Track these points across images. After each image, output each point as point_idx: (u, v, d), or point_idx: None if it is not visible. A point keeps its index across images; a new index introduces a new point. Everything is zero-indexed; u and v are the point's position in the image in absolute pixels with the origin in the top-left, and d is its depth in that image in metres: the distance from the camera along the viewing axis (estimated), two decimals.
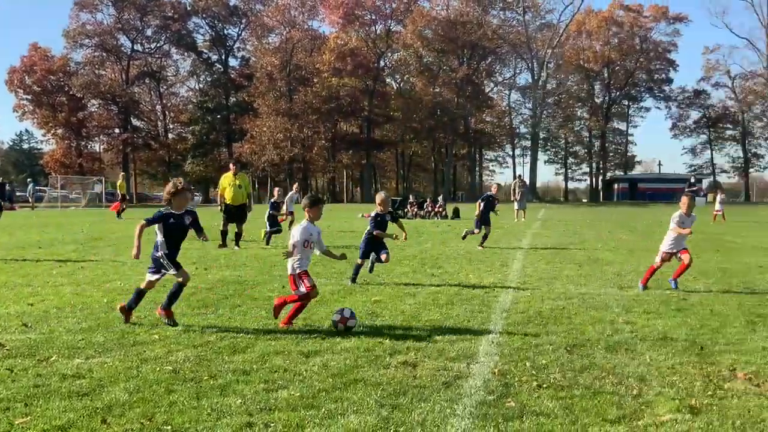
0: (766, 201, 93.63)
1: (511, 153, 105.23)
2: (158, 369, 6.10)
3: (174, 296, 7.98)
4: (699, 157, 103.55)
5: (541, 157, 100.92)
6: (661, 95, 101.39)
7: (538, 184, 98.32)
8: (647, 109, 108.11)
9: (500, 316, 8.69)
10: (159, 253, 7.92)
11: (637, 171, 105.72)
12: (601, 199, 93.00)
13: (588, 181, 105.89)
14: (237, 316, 8.45)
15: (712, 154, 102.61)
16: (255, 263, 14.36)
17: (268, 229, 19.43)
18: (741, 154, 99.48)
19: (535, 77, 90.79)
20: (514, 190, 36.05)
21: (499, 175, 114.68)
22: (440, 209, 39.65)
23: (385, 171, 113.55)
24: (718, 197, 39.01)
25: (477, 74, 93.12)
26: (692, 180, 38.33)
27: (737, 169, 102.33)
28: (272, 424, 4.75)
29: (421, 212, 40.17)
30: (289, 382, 5.73)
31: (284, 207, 23.77)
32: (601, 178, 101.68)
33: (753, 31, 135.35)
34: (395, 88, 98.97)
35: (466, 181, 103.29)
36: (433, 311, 8.84)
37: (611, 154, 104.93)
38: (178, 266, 7.96)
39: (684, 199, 11.14)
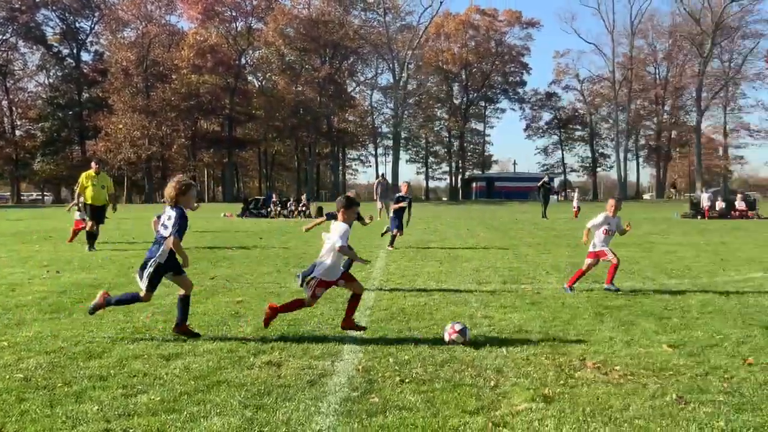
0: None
1: (373, 152, 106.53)
2: (8, 377, 5.80)
3: (118, 302, 7.44)
4: (551, 157, 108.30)
5: (403, 156, 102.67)
6: (516, 97, 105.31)
7: (400, 182, 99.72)
8: (503, 110, 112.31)
9: (364, 313, 8.76)
10: (153, 261, 7.12)
11: (494, 170, 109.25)
12: (460, 198, 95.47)
13: (448, 180, 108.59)
14: (92, 320, 8.10)
15: (563, 154, 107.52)
16: (111, 265, 13.87)
17: None
18: (589, 154, 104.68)
19: (396, 78, 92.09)
20: (377, 189, 36.40)
21: (362, 174, 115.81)
22: (304, 208, 39.62)
23: (247, 170, 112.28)
24: (575, 195, 41.69)
25: (339, 74, 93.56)
26: (546, 179, 39.89)
27: (586, 168, 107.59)
28: (131, 430, 4.62)
29: (285, 211, 40.01)
30: (149, 387, 5.58)
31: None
32: (460, 177, 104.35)
33: (600, 36, 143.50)
34: (257, 86, 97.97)
35: (329, 180, 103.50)
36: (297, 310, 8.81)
37: (469, 153, 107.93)
38: (155, 286, 7.22)
39: (611, 202, 11.14)
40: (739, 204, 39.73)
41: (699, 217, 38.29)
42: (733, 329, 7.87)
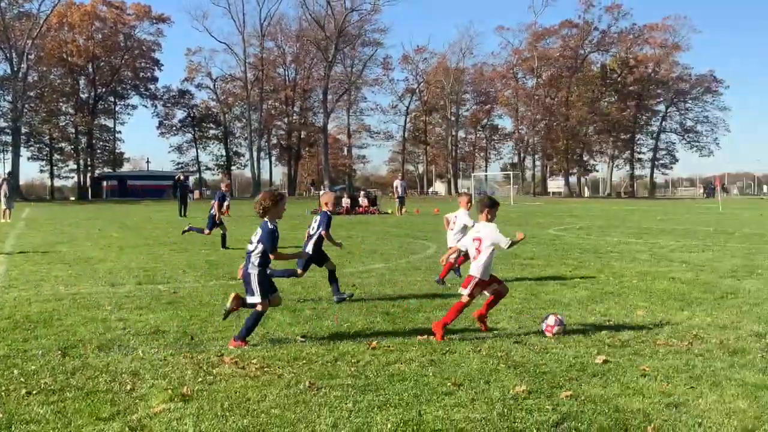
0: (245, 196, 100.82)
1: None
2: None
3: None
4: (186, 155, 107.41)
5: (24, 153, 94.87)
6: (147, 93, 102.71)
7: (22, 182, 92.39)
8: (134, 107, 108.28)
9: None
10: (256, 272, 7.09)
11: (126, 168, 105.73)
12: (90, 197, 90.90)
13: (76, 179, 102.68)
14: None
15: (197, 152, 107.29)
16: None
17: None
18: (224, 153, 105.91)
19: (15, 68, 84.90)
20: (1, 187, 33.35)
21: None
22: None
23: None
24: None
25: None
26: (181, 177, 39.67)
27: (220, 166, 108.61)
28: None
29: None
30: None
31: None
32: (89, 175, 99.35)
33: (231, 36, 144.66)
34: None
35: None
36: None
37: (99, 151, 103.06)
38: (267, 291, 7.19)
39: (464, 199, 11.84)
40: (363, 200, 43.01)
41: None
42: (359, 317, 8.53)
